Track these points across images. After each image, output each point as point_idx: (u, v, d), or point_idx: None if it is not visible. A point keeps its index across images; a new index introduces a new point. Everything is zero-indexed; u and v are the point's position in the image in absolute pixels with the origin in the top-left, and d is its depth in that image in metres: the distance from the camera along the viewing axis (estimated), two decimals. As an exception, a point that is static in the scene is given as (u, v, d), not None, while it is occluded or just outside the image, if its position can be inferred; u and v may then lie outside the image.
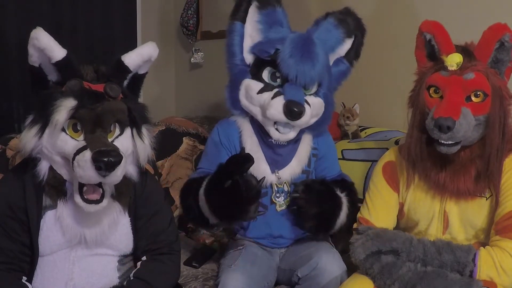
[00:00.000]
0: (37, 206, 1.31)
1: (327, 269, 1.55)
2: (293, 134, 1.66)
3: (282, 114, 1.58)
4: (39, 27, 1.27)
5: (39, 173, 1.29)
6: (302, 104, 1.59)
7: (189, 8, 3.08)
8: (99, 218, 1.33)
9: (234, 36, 1.72)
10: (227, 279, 1.56)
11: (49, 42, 1.26)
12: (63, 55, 1.28)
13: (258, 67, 1.68)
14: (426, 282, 1.30)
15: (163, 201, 1.53)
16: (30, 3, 2.60)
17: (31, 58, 1.29)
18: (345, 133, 2.19)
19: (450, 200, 1.43)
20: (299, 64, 1.59)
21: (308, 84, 1.63)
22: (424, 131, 1.38)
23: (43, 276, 1.34)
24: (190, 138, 2.33)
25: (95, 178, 1.22)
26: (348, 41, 1.77)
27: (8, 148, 1.80)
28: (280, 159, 1.71)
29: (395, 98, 2.01)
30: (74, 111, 1.24)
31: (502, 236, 1.34)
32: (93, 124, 1.27)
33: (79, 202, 1.26)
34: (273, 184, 1.71)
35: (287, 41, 1.61)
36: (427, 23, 1.41)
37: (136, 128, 1.36)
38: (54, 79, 1.32)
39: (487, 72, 1.34)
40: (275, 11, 1.70)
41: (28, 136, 1.26)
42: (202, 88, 3.08)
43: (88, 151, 1.21)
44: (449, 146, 1.34)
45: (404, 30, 2.17)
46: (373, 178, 1.57)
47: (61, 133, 1.26)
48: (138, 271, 1.43)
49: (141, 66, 1.43)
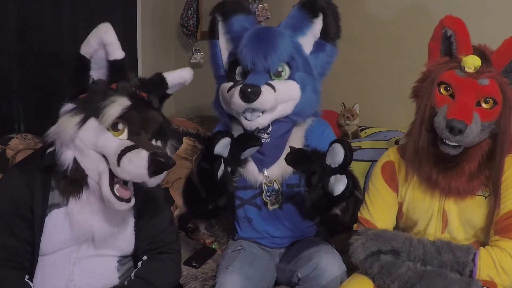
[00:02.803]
0: (43, 203, 1.31)
1: (328, 270, 1.55)
2: (263, 120, 1.64)
3: (240, 99, 1.59)
4: (108, 23, 1.31)
5: (63, 164, 1.28)
6: (258, 85, 1.59)
7: (189, 8, 3.08)
8: (111, 218, 1.33)
9: (213, 52, 1.84)
10: (224, 280, 1.56)
11: (115, 39, 1.31)
12: (121, 56, 1.32)
13: (230, 69, 1.75)
14: (425, 282, 1.29)
15: (163, 202, 1.54)
16: (30, 3, 2.60)
17: (87, 49, 1.31)
18: (345, 133, 2.19)
19: (448, 199, 1.43)
20: (254, 51, 1.63)
21: (270, 67, 1.63)
22: (431, 129, 1.37)
23: (43, 276, 1.34)
24: (190, 138, 2.33)
25: (143, 177, 1.24)
26: (317, 20, 1.73)
27: (8, 148, 1.81)
28: (264, 158, 1.70)
29: (395, 98, 2.01)
30: (126, 110, 1.26)
31: (502, 236, 1.34)
32: (140, 127, 1.30)
33: (111, 198, 1.26)
34: (263, 183, 1.71)
35: (244, 35, 1.68)
36: (450, 18, 1.39)
37: (162, 141, 1.39)
38: (97, 75, 1.34)
39: (501, 80, 1.33)
40: (238, 19, 1.78)
41: (70, 123, 1.26)
42: (202, 88, 3.07)
43: (143, 151, 1.23)
44: (454, 148, 1.34)
45: (405, 30, 2.17)
46: (372, 178, 1.57)
47: (105, 129, 1.27)
48: (139, 270, 1.43)
49: (173, 87, 1.49)
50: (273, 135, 1.70)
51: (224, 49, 1.82)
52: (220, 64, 1.82)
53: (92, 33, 1.30)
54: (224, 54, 1.82)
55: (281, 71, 1.67)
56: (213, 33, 1.84)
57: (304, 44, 1.73)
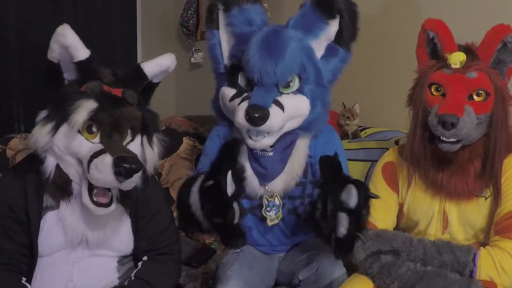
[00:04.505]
0: (37, 206, 1.31)
1: (328, 271, 1.53)
2: (269, 141, 1.53)
3: (245, 121, 1.46)
4: (66, 24, 1.26)
5: (45, 171, 1.28)
6: (266, 107, 1.45)
7: (189, 8, 3.08)
8: (102, 220, 1.32)
9: (211, 44, 1.67)
10: (223, 285, 1.51)
11: (75, 40, 1.26)
12: (86, 56, 1.28)
13: (232, 73, 1.59)
14: (425, 282, 1.29)
15: (163, 202, 1.53)
16: (30, 3, 2.60)
17: (52, 54, 1.28)
18: (345, 133, 2.19)
19: (449, 200, 1.43)
20: (261, 63, 1.47)
21: (279, 82, 1.50)
22: (426, 129, 1.38)
23: (42, 277, 1.34)
24: (190, 138, 2.33)
25: (113, 183, 1.21)
26: (333, 22, 1.56)
27: (8, 148, 1.80)
28: (266, 172, 1.59)
29: (395, 98, 2.00)
30: (94, 113, 1.23)
31: (502, 236, 1.34)
32: (111, 129, 1.27)
33: (89, 204, 1.25)
34: (263, 197, 1.61)
35: (251, 40, 1.51)
36: (430, 21, 1.41)
37: (147, 136, 1.36)
38: (70, 77, 1.32)
39: (489, 72, 1.34)
40: (242, 10, 1.59)
41: (42, 132, 1.25)
42: (202, 88, 3.06)
43: (108, 156, 1.20)
44: (451, 144, 1.34)
45: (405, 30, 2.17)
46: (372, 178, 1.57)
47: (77, 133, 1.25)
48: (139, 271, 1.43)
49: (157, 75, 1.43)
50: (276, 150, 1.59)
51: (225, 42, 1.65)
52: (219, 58, 1.66)
53: (52, 37, 1.26)
54: (225, 47, 1.65)
55: (290, 81, 1.53)
56: (211, 22, 1.66)
57: (316, 48, 1.58)
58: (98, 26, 2.87)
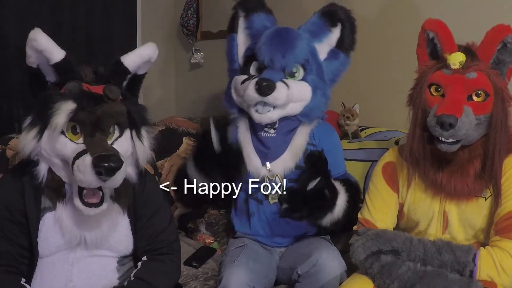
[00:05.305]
0: (36, 207, 1.31)
1: (327, 266, 1.56)
2: (274, 115, 1.70)
3: (254, 91, 1.65)
4: (37, 28, 1.26)
5: (38, 175, 1.29)
6: (273, 80, 1.65)
7: (189, 8, 3.08)
8: (99, 220, 1.32)
9: (230, 45, 1.90)
10: (231, 274, 1.56)
11: (48, 44, 1.26)
12: (61, 57, 1.27)
13: (246, 64, 1.81)
14: (425, 282, 1.29)
15: (162, 201, 1.53)
16: (30, 3, 2.60)
17: (29, 59, 1.28)
18: (345, 133, 2.19)
19: (449, 201, 1.43)
20: (273, 48, 1.69)
21: (286, 66, 1.70)
22: (425, 129, 1.38)
23: (42, 278, 1.34)
24: (190, 138, 2.33)
25: (95, 182, 1.22)
26: (335, 30, 1.80)
27: (8, 148, 1.80)
28: (269, 152, 1.75)
29: (395, 98, 2.00)
30: (74, 114, 1.23)
31: (502, 236, 1.34)
32: (93, 127, 1.26)
33: (79, 205, 1.26)
34: (265, 176, 1.74)
35: (264, 33, 1.75)
36: (430, 21, 1.41)
37: (136, 130, 1.35)
38: (52, 80, 1.31)
39: (489, 72, 1.34)
40: (260, 16, 1.85)
41: (27, 139, 1.25)
42: (202, 88, 3.08)
43: (88, 156, 1.20)
44: (450, 144, 1.34)
45: (405, 30, 2.17)
46: (372, 178, 1.57)
47: (60, 136, 1.25)
48: (138, 271, 1.43)
49: (140, 67, 1.42)
50: (279, 131, 1.76)
51: (242, 44, 1.88)
52: (235, 58, 1.87)
53: (26, 43, 1.26)
54: (241, 48, 1.87)
55: (295, 72, 1.73)
56: (233, 27, 1.90)
57: (319, 50, 1.79)
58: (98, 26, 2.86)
